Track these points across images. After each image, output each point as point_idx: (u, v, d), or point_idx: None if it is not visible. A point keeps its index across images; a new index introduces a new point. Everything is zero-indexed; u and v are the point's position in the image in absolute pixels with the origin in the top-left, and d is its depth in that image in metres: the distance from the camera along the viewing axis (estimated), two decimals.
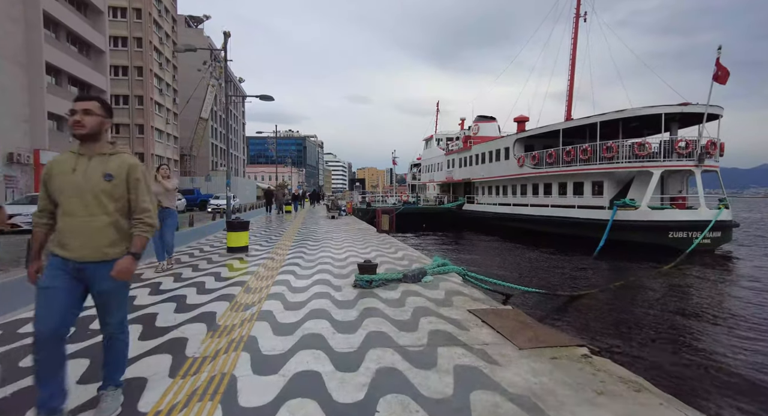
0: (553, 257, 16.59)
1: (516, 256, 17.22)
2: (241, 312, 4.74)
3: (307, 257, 8.80)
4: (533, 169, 24.54)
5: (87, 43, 31.68)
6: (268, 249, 10.10)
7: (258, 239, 12.51)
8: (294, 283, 6.27)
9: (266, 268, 7.53)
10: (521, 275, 12.88)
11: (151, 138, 43.21)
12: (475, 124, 37.76)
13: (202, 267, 7.60)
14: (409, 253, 9.55)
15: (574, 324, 7.62)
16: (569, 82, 26.78)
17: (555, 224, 21.66)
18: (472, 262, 15.51)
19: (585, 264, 15.12)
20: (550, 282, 11.64)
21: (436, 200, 37.50)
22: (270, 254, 9.22)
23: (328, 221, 21.00)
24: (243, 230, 9.43)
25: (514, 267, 14.25)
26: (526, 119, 27.25)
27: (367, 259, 6.80)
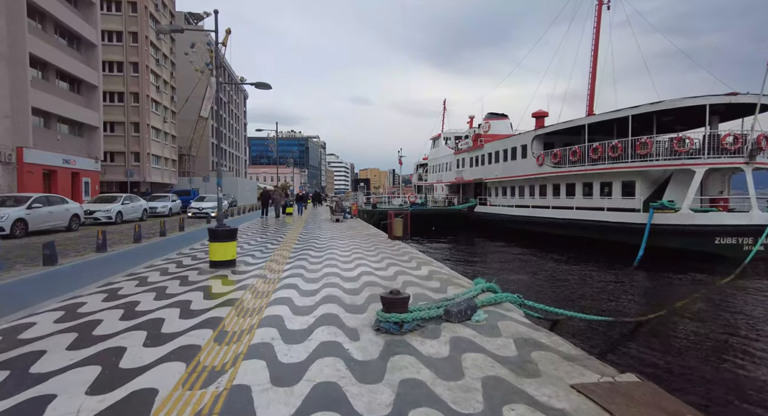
0: (587, 267, 14.68)
1: (543, 265, 15.32)
2: (199, 388, 2.89)
3: (309, 276, 6.95)
4: (554, 168, 22.63)
5: (77, 36, 29.96)
6: (261, 263, 8.25)
7: (251, 248, 10.67)
8: (289, 322, 4.41)
9: (254, 293, 5.68)
10: (558, 289, 11.00)
11: (147, 137, 41.48)
12: (485, 121, 35.91)
13: (170, 291, 5.77)
14: (435, 269, 7.68)
15: (669, 368, 5.73)
16: (591, 75, 24.88)
17: (581, 228, 19.74)
18: (495, 273, 13.63)
19: (626, 276, 13.22)
20: (598, 301, 9.76)
21: (445, 202, 35.61)
22: (262, 271, 7.37)
23: (331, 224, 19.16)
24: (229, 240, 7.59)
25: (546, 281, 12.35)
26: (545, 114, 25.36)
27: (391, 286, 4.97)
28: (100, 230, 10.46)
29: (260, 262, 8.40)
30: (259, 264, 8.12)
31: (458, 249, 20.45)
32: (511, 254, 18.66)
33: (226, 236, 7.53)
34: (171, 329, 4.15)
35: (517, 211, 24.89)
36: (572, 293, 10.71)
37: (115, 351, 3.56)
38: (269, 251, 10.15)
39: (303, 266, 7.90)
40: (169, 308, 4.93)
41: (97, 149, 32.60)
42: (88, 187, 31.40)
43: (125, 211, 20.90)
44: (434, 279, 6.65)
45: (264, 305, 5.03)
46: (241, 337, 3.92)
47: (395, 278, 6.73)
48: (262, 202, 24.53)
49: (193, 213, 25.24)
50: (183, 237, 14.15)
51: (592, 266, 14.86)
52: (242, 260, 8.60)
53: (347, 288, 5.96)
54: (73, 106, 29.17)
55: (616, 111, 19.21)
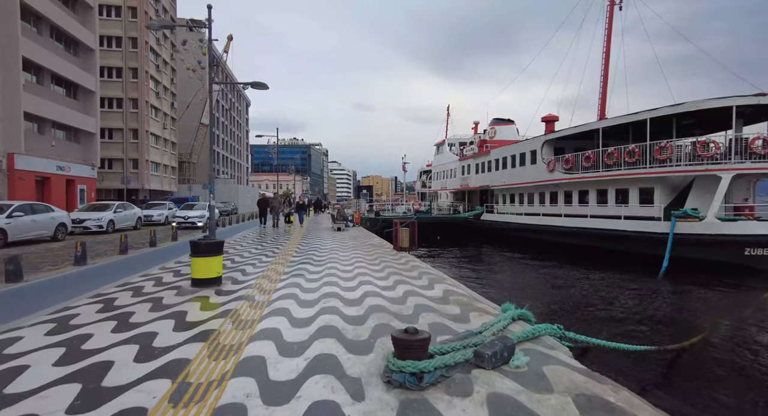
0: (608, 281, 13.62)
1: (558, 278, 14.26)
2: None
3: (304, 297, 5.96)
4: (566, 174, 21.64)
5: (74, 40, 29.36)
6: (251, 280, 7.26)
7: (243, 261, 9.68)
8: (273, 369, 3.41)
9: (236, 322, 4.69)
10: (581, 307, 9.95)
11: (146, 143, 40.78)
12: (491, 127, 35.03)
13: (135, 320, 4.78)
14: (450, 288, 6.67)
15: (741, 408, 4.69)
16: (603, 78, 23.98)
17: (596, 237, 18.67)
18: (510, 289, 12.59)
19: (653, 291, 12.15)
20: (629, 321, 8.71)
21: (450, 209, 34.59)
22: (251, 291, 6.38)
23: (333, 234, 18.17)
24: (213, 255, 6.62)
25: (566, 297, 11.29)
26: (556, 118, 24.43)
27: (401, 311, 3.99)
28: (79, 242, 9.52)
29: (251, 279, 7.41)
30: (248, 282, 7.13)
31: (466, 261, 19.41)
32: (522, 265, 17.61)
33: (210, 249, 6.56)
34: (117, 380, 3.16)
35: (527, 219, 23.86)
36: (599, 312, 9.66)
37: None
38: (263, 265, 9.16)
39: (298, 284, 6.91)
40: (126, 345, 3.94)
41: (94, 155, 31.85)
42: (84, 194, 30.59)
43: (118, 219, 19.99)
44: (452, 302, 5.64)
45: (245, 340, 4.03)
46: (206, 394, 2.92)
47: (405, 300, 5.73)
48: (260, 210, 22.75)
49: (178, 223, 21.85)
50: (173, 248, 13.20)
51: (613, 279, 13.80)
52: (230, 276, 7.62)
53: (349, 315, 4.96)
54: (69, 111, 28.47)
55: (632, 114, 18.26)
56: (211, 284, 6.61)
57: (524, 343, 3.96)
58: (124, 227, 20.83)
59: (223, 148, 72.98)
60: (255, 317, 4.88)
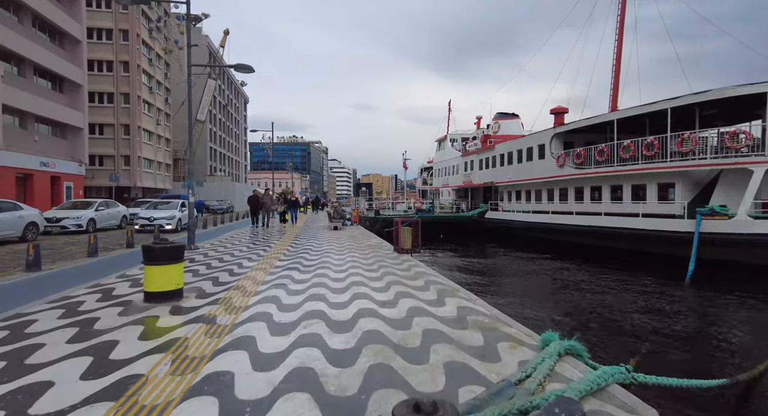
0: (630, 285, 12.33)
1: (576, 283, 12.98)
2: None
3: (280, 319, 4.68)
4: (577, 169, 20.34)
5: (59, 31, 28.02)
6: (221, 293, 5.98)
7: (219, 267, 8.40)
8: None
9: (179, 361, 3.40)
10: (612, 324, 8.67)
11: (139, 139, 39.46)
12: (495, 121, 33.70)
13: (39, 358, 3.49)
14: (466, 303, 5.37)
15: None
16: (615, 68, 22.63)
17: (611, 236, 17.37)
18: (524, 295, 11.30)
19: (684, 298, 10.88)
20: (675, 342, 7.43)
21: (452, 207, 33.30)
22: (216, 308, 5.10)
23: (329, 233, 16.89)
24: (171, 262, 5.33)
25: (589, 307, 10.01)
26: (565, 110, 23.10)
27: (405, 340, 2.74)
28: (32, 245, 8.24)
29: (222, 290, 6.12)
30: (218, 294, 5.85)
31: (473, 262, 18.13)
32: (533, 267, 16.32)
33: (167, 255, 5.27)
34: None
35: (535, 217, 22.56)
36: (627, 325, 8.36)
37: None
38: (243, 270, 7.88)
39: (277, 298, 5.63)
40: (10, 396, 2.66)
41: (82, 151, 30.55)
42: (71, 192, 29.29)
43: (99, 218, 18.70)
44: (471, 326, 4.35)
45: (177, 397, 2.75)
46: None
47: (409, 323, 4.45)
48: (250, 208, 20.81)
49: (141, 226, 18.42)
50: None
51: (635, 284, 12.51)
52: (198, 286, 6.34)
53: (334, 349, 3.66)
54: (54, 105, 27.15)
55: (650, 104, 16.93)
56: (169, 298, 5.33)
57: (588, 399, 2.69)
58: (107, 226, 19.56)
59: (221, 145, 71.69)
60: (207, 351, 3.59)
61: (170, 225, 18.59)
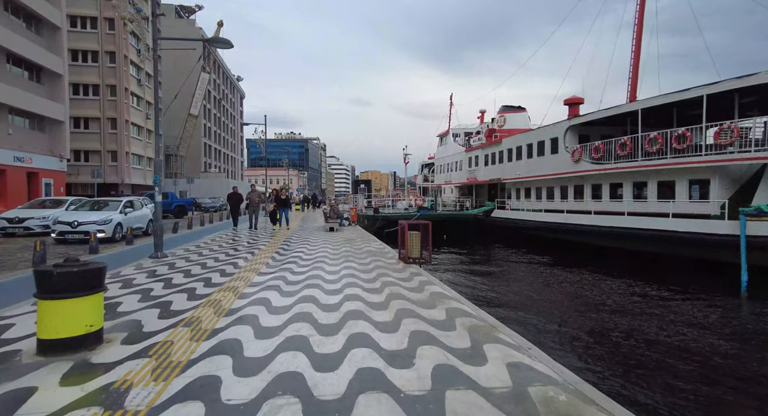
0: (676, 298, 10.65)
1: (611, 295, 11.30)
2: None
3: (232, 392, 2.95)
4: (595, 165, 18.64)
5: (35, 16, 26.11)
6: (164, 331, 4.26)
7: (180, 285, 6.69)
8: None
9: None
10: (663, 357, 6.98)
11: (126, 134, 37.60)
12: (500, 115, 31.96)
13: None
14: (517, 356, 3.66)
15: None
16: (633, 54, 20.87)
17: (636, 238, 15.69)
18: (556, 317, 9.62)
19: (747, 316, 9.22)
20: (757, 386, 5.75)
21: (455, 205, 31.59)
22: (145, 362, 3.38)
23: (323, 235, 15.18)
24: (80, 294, 3.59)
25: (633, 333, 8.32)
26: (580, 100, 21.38)
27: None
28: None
29: (165, 327, 4.41)
30: (157, 335, 4.13)
31: (482, 268, 16.44)
32: (553, 274, 14.64)
33: (72, 285, 3.54)
34: None
35: (547, 217, 20.85)
36: (690, 363, 6.69)
37: None
38: (207, 290, 6.18)
39: (239, 344, 3.91)
40: None
41: (63, 146, 28.70)
42: (51, 189, 27.48)
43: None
44: (542, 408, 2.64)
45: None
46: None
47: (441, 399, 2.74)
48: (230, 206, 17.98)
49: (60, 234, 12.99)
50: (120, 255, 10.17)
51: (681, 295, 10.84)
52: (135, 320, 4.61)
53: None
54: (30, 96, 25.29)
55: (682, 91, 15.20)
56: (76, 347, 3.60)
57: None
58: None
59: (215, 141, 69.81)
60: None
61: (103, 233, 13.13)
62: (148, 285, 6.49)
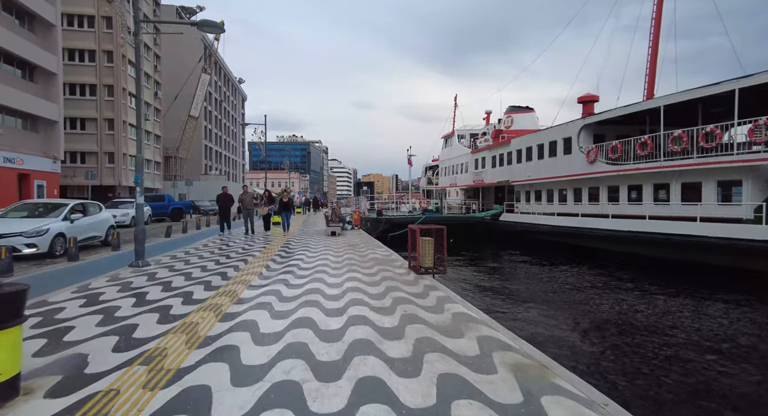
0: (718, 312, 9.58)
1: (649, 307, 10.24)
2: None
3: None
4: (612, 165, 17.61)
5: (28, 13, 25.32)
6: (114, 372, 3.24)
7: (152, 304, 5.70)
8: None
9: None
10: None
11: (124, 135, 36.75)
12: (507, 115, 30.98)
13: None
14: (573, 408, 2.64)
15: None
16: (651, 50, 19.86)
17: (659, 244, 14.63)
18: (587, 333, 8.57)
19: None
20: None
21: (461, 208, 30.55)
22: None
23: (324, 240, 14.17)
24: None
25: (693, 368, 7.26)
26: (595, 98, 20.35)
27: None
28: None
29: (119, 365, 3.39)
30: (100, 381, 3.10)
31: (500, 276, 15.39)
32: (574, 281, 13.57)
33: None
34: None
35: (561, 220, 19.77)
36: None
37: None
38: (185, 310, 5.17)
39: (205, 395, 2.89)
40: None
41: (56, 147, 27.81)
42: (43, 191, 26.58)
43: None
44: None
45: None
46: None
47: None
48: (220, 208, 16.33)
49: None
50: (93, 265, 9.17)
51: (723, 310, 9.76)
52: (80, 355, 3.60)
53: None
54: (23, 95, 24.45)
55: (711, 85, 14.16)
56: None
57: None
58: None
59: (216, 143, 69.04)
60: None
61: (33, 248, 9.98)
62: (115, 302, 5.48)
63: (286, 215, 16.55)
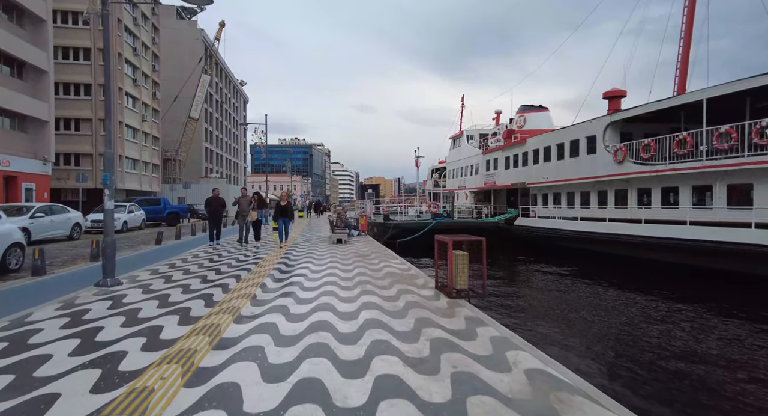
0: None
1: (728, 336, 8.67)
2: None
3: None
4: (644, 166, 16.06)
5: (17, 7, 24.06)
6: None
7: (101, 348, 4.17)
8: None
9: None
10: None
11: (120, 136, 35.38)
12: (519, 115, 29.45)
13: None
14: None
15: None
16: (684, 39, 18.33)
17: (708, 254, 13.03)
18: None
19: None
20: None
21: (472, 212, 28.97)
22: None
23: (330, 249, 12.65)
24: None
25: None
26: (623, 93, 18.80)
27: None
28: None
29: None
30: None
31: (524, 288, 13.84)
32: (619, 295, 11.99)
33: None
34: None
35: (584, 225, 18.19)
36: None
37: None
38: (144, 358, 3.65)
39: None
40: None
41: (47, 148, 26.45)
42: (32, 194, 25.22)
43: (36, 228, 14.56)
44: None
45: None
46: None
47: None
48: (209, 214, 14.18)
49: None
50: (48, 284, 7.69)
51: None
52: None
53: None
54: (10, 93, 23.13)
55: (761, 75, 12.60)
56: None
57: None
58: (50, 236, 15.48)
59: (217, 145, 67.72)
60: None
61: None
62: (53, 344, 3.98)
63: (284, 222, 13.50)
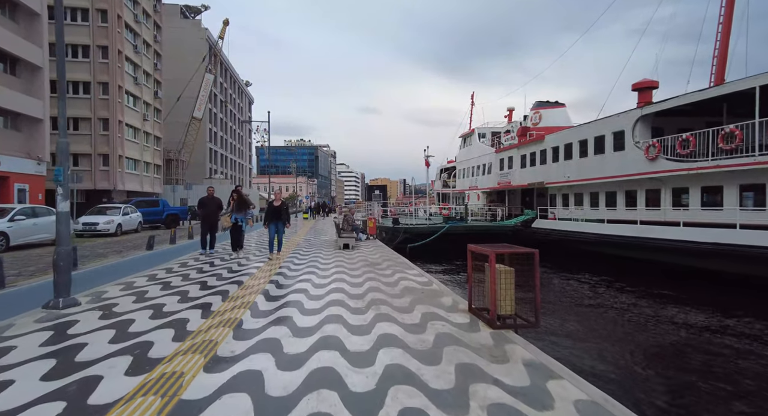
0: None
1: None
2: None
3: None
4: (680, 163, 14.54)
5: (11, 1, 22.99)
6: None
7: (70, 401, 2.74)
8: None
9: None
10: None
11: (120, 136, 34.33)
12: (534, 111, 27.99)
13: None
14: None
15: None
16: (723, 26, 16.78)
17: (759, 260, 11.52)
18: None
19: None
20: None
21: (485, 214, 27.48)
22: None
23: (336, 256, 11.28)
24: None
25: None
26: (654, 84, 17.27)
27: None
28: None
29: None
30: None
31: (558, 302, 12.38)
32: (687, 314, 10.52)
33: None
34: None
35: (612, 228, 16.66)
36: None
37: None
38: None
39: None
40: None
41: (41, 147, 25.37)
42: (25, 195, 24.13)
43: (15, 232, 13.38)
44: None
45: None
46: None
47: None
48: (203, 218, 11.91)
49: None
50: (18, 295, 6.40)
51: None
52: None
53: None
54: (2, 89, 22.07)
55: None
56: None
57: None
58: (36, 240, 14.32)
59: (221, 146, 66.74)
60: None
61: None
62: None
63: (278, 227, 10.64)
